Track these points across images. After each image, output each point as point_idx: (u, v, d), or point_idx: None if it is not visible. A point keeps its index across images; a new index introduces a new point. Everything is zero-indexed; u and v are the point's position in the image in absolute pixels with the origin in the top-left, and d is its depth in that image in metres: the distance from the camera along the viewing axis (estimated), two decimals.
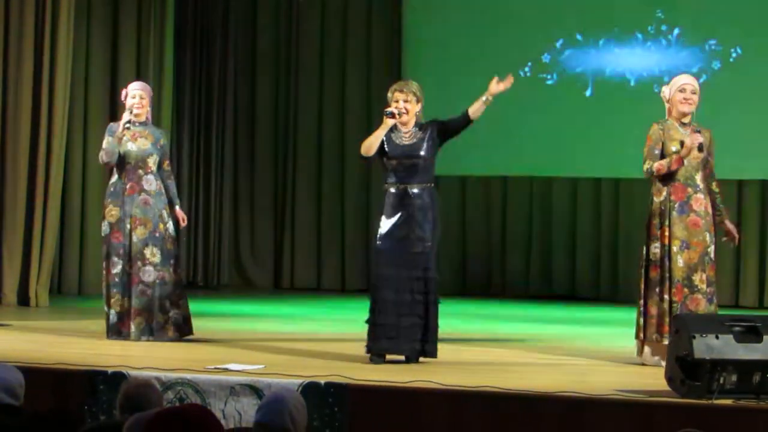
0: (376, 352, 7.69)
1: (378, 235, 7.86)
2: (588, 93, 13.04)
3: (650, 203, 7.87)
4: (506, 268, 13.51)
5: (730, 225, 7.96)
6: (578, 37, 13.08)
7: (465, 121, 7.86)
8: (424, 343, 7.70)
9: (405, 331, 7.68)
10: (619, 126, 12.59)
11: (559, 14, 13.15)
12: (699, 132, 7.77)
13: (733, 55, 12.54)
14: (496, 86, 7.77)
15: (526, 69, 13.15)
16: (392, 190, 7.85)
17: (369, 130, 8.56)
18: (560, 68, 13.14)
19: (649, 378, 6.99)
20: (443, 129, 7.89)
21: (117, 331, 8.56)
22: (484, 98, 7.77)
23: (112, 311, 8.56)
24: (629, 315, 7.92)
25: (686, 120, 7.88)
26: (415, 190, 7.80)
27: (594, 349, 8.57)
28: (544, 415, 6.31)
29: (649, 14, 12.84)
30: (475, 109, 7.80)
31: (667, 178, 7.80)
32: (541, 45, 13.17)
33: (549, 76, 13.17)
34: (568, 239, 13.36)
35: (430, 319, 7.72)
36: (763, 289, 12.63)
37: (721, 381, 6.19)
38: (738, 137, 12.11)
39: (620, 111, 12.73)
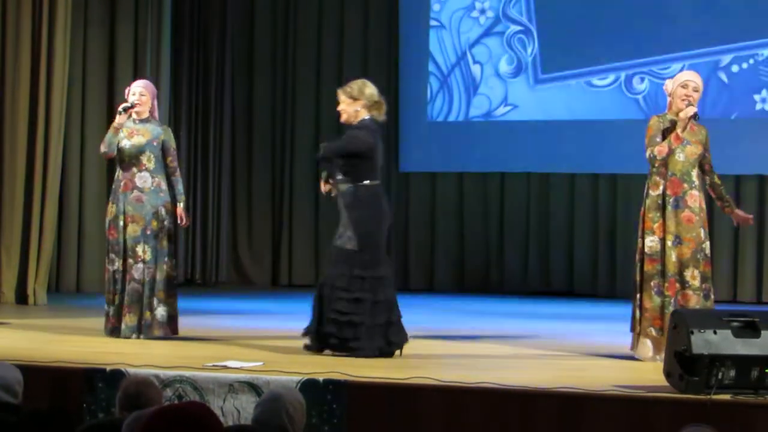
0: (304, 347, 7.80)
1: None
2: (585, 89, 13.05)
3: (645, 196, 7.83)
4: (504, 265, 13.50)
5: (739, 211, 8.13)
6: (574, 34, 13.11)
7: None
8: (355, 341, 7.64)
9: (329, 328, 7.68)
10: (618, 122, 12.60)
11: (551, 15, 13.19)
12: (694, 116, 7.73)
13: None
14: None
15: (514, 63, 13.21)
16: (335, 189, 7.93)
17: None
18: (553, 63, 13.17)
19: (648, 373, 7.00)
20: None
21: (112, 327, 8.55)
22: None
23: (111, 308, 8.56)
24: (627, 311, 7.91)
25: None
26: (342, 189, 7.82)
27: (592, 345, 8.57)
28: (542, 411, 6.31)
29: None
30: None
31: (665, 172, 7.78)
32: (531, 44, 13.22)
33: (543, 67, 13.19)
34: (566, 235, 13.35)
35: (354, 317, 7.64)
36: (761, 285, 12.63)
37: (720, 376, 6.19)
38: (735, 132, 12.13)
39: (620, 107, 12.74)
